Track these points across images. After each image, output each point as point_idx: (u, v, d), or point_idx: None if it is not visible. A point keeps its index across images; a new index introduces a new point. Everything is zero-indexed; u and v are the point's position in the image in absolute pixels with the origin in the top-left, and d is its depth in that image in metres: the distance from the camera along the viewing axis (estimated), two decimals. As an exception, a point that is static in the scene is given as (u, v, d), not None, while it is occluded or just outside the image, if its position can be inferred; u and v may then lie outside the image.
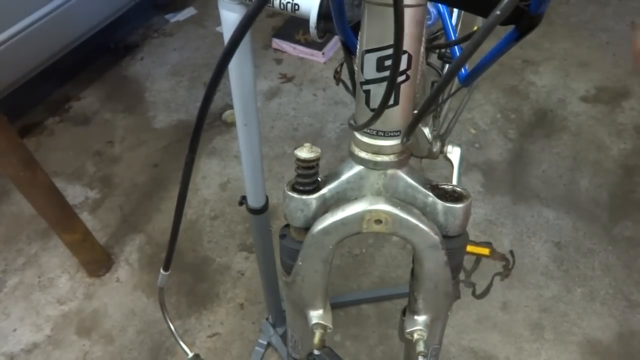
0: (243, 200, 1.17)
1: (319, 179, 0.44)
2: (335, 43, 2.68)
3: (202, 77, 2.64)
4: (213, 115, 2.43)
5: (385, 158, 0.41)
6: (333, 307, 0.54)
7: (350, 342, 1.65)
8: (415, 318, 0.51)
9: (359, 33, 0.37)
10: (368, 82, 0.39)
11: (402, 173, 0.42)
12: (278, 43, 2.75)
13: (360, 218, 0.42)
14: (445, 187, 0.43)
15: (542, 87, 2.44)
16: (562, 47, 2.62)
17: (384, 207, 0.42)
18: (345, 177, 0.43)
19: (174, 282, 1.85)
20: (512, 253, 0.99)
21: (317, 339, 0.50)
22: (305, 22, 0.66)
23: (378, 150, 0.41)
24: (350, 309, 1.73)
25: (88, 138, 2.38)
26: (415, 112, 0.40)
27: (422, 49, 0.38)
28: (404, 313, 0.54)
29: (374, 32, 0.36)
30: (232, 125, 2.35)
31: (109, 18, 2.53)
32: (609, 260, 1.80)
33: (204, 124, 0.39)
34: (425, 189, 0.42)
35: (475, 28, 0.82)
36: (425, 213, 0.42)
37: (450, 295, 0.51)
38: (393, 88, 0.36)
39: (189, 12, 2.99)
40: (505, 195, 2.01)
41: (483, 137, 2.24)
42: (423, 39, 0.38)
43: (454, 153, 0.94)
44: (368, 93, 0.39)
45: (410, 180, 0.42)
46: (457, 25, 0.96)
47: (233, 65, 0.82)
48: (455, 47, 0.71)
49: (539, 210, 1.96)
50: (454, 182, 0.84)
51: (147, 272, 1.89)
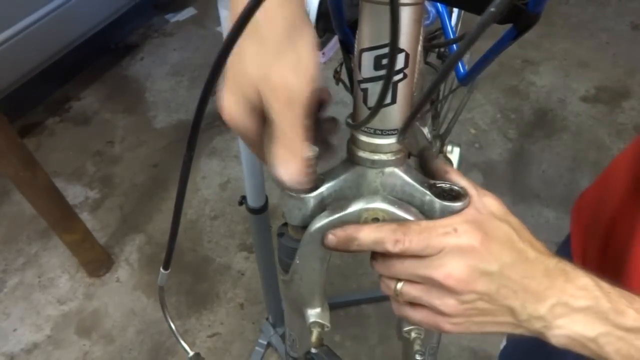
0: (243, 200, 1.17)
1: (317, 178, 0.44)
2: (335, 43, 2.68)
3: (202, 77, 2.64)
4: (213, 115, 2.41)
5: (383, 157, 0.42)
6: (333, 307, 0.54)
7: (350, 342, 1.65)
8: None
9: (357, 32, 0.37)
10: (365, 80, 0.39)
11: (399, 171, 0.42)
12: (278, 43, 2.75)
13: (358, 216, 0.42)
14: (443, 185, 0.43)
15: (542, 87, 2.44)
16: (562, 47, 2.62)
17: (382, 205, 0.42)
18: (343, 175, 0.44)
19: (174, 282, 1.85)
20: None
21: (314, 337, 0.51)
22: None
23: (375, 149, 0.41)
24: (350, 309, 1.73)
25: (88, 138, 2.38)
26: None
27: (419, 48, 0.38)
28: None
29: (371, 30, 0.36)
30: (232, 125, 2.35)
31: (109, 18, 2.53)
32: (609, 260, 1.80)
33: (203, 124, 0.39)
34: (423, 188, 0.42)
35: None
36: (423, 212, 0.42)
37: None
38: (389, 86, 0.36)
39: (189, 12, 2.99)
40: (505, 195, 2.01)
41: (483, 137, 2.24)
42: (421, 38, 0.38)
43: (454, 153, 0.95)
44: (365, 91, 0.40)
45: (408, 179, 0.42)
46: (457, 26, 0.96)
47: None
48: (454, 45, 0.72)
49: (539, 210, 1.96)
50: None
51: (147, 272, 1.89)
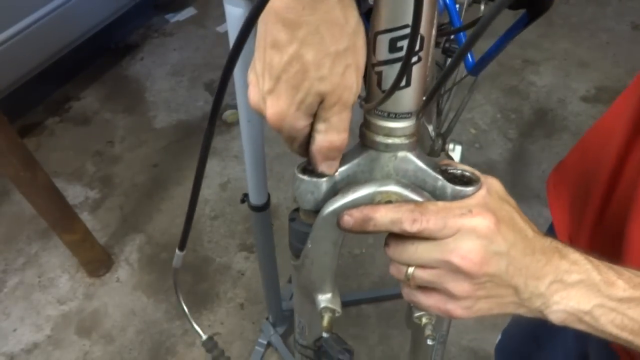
0: (245, 198, 1.17)
1: None
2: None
3: (202, 77, 2.64)
4: (213, 116, 2.43)
5: (397, 140, 0.42)
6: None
7: (350, 342, 1.63)
8: None
9: (372, 15, 0.37)
10: (380, 63, 0.39)
11: (412, 156, 0.42)
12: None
13: (371, 199, 0.43)
14: (455, 171, 0.43)
15: (542, 87, 2.44)
16: (562, 47, 2.62)
17: (395, 188, 0.42)
18: (356, 160, 0.44)
19: (174, 281, 1.84)
20: None
21: (325, 322, 0.51)
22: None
23: (389, 133, 0.42)
24: (350, 309, 1.72)
25: (88, 138, 2.38)
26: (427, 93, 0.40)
27: (433, 32, 0.38)
28: None
29: (388, 12, 0.36)
30: (232, 125, 2.34)
31: (109, 18, 2.53)
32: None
33: (203, 124, 0.39)
34: (435, 173, 0.42)
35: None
36: (435, 196, 0.42)
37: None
38: (408, 67, 0.36)
39: (189, 12, 2.99)
40: (506, 195, 2.01)
41: (483, 137, 2.24)
42: (435, 22, 0.38)
43: (456, 151, 0.97)
44: (380, 74, 0.40)
45: (420, 164, 0.43)
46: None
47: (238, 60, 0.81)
48: (462, 34, 0.72)
49: (539, 210, 1.96)
50: None
51: (147, 272, 1.88)
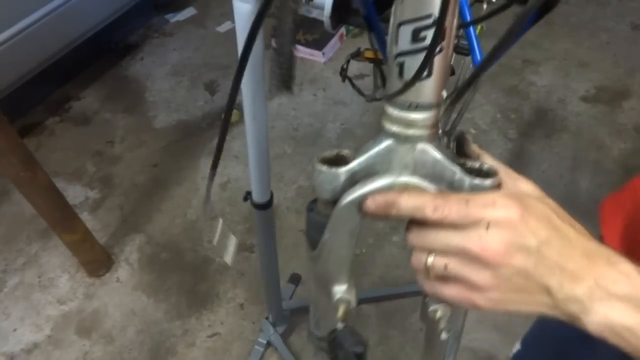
0: (248, 196, 1.17)
1: (348, 154, 0.45)
2: (335, 43, 2.69)
3: (202, 77, 2.64)
4: (214, 115, 2.43)
5: (417, 131, 0.42)
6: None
7: (352, 341, 1.65)
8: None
9: (393, 6, 0.38)
10: (402, 54, 0.39)
11: (431, 148, 0.42)
12: (278, 43, 2.75)
13: (390, 190, 0.43)
14: (473, 164, 0.43)
15: (542, 87, 2.45)
16: (562, 47, 2.63)
17: (413, 179, 0.42)
18: (375, 150, 0.44)
19: (174, 281, 1.84)
20: None
21: (341, 312, 0.51)
22: (306, 22, 0.67)
23: (409, 123, 0.41)
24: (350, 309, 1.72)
25: (88, 138, 2.37)
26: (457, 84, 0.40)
27: (454, 22, 0.38)
28: (426, 296, 0.54)
29: (414, 2, 0.36)
30: (232, 125, 2.34)
31: (109, 18, 2.53)
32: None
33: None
34: (454, 165, 0.42)
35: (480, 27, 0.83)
36: (453, 188, 0.42)
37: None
38: (432, 56, 0.36)
39: (189, 12, 2.99)
40: (507, 195, 2.01)
41: (483, 137, 2.24)
42: (457, 13, 0.38)
43: None
44: (402, 65, 0.40)
45: (439, 156, 0.42)
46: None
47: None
48: (471, 28, 0.73)
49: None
50: None
51: (147, 272, 1.88)
